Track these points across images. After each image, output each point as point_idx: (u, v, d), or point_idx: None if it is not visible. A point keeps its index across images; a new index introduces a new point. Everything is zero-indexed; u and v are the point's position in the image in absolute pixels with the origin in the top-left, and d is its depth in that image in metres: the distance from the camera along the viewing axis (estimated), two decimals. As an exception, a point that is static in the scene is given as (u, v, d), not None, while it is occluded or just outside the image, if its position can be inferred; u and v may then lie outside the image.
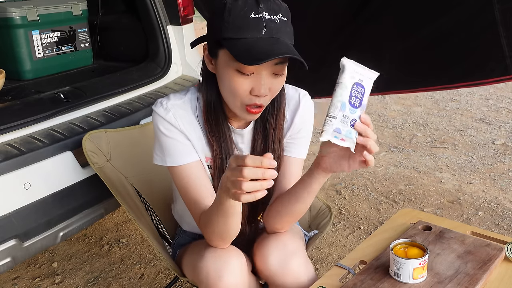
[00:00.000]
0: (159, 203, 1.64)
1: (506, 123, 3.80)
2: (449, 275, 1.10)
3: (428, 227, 1.30)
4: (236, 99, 1.11)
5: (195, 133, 1.21)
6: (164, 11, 2.34)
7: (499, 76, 1.91)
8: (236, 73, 1.07)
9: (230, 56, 1.06)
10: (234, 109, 1.14)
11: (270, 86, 1.09)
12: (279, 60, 1.05)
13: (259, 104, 1.10)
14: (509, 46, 1.81)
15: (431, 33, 2.00)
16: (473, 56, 1.98)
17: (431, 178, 2.95)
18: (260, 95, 1.08)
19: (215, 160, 1.23)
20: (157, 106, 1.21)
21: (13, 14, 2.17)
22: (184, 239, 1.44)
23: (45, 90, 1.98)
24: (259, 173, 0.88)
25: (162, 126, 1.19)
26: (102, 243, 2.39)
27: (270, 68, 1.07)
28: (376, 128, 3.79)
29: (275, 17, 1.04)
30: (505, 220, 2.47)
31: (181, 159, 1.19)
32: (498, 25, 1.79)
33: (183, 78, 2.34)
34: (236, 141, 1.25)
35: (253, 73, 1.07)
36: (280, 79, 1.11)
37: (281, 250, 1.22)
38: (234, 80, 1.08)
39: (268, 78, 1.08)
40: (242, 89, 1.08)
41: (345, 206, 2.66)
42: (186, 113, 1.20)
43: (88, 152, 1.57)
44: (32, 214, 1.54)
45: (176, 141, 1.19)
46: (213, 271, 1.14)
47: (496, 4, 1.76)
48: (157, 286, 2.08)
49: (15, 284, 2.09)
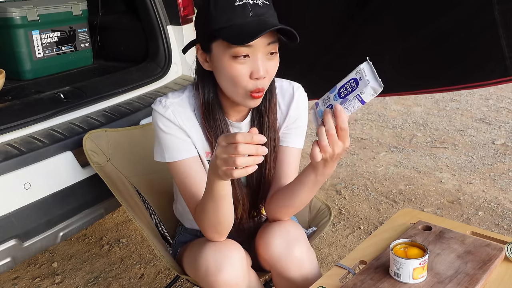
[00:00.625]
0: (160, 203, 1.64)
1: (506, 123, 3.80)
2: (449, 275, 1.10)
3: (428, 227, 1.30)
4: (238, 87, 1.13)
5: (194, 129, 1.24)
6: (164, 11, 2.35)
7: (499, 78, 1.89)
8: (232, 60, 1.10)
9: (224, 44, 1.10)
10: (237, 99, 1.16)
11: (267, 68, 1.12)
12: (272, 39, 1.10)
13: (261, 87, 1.13)
14: (509, 47, 1.79)
15: (431, 33, 1.99)
16: (472, 57, 1.96)
17: (431, 178, 2.95)
18: (260, 77, 1.10)
19: (213, 147, 1.24)
20: (156, 104, 1.24)
21: (13, 14, 2.17)
22: (185, 237, 1.45)
23: (45, 90, 1.98)
24: (252, 149, 0.91)
25: (161, 123, 1.22)
26: (102, 243, 2.39)
27: (264, 48, 1.10)
28: (376, 128, 3.79)
29: (258, 1, 1.09)
30: (505, 220, 2.47)
31: (180, 154, 1.22)
32: (498, 25, 1.78)
33: (183, 78, 2.34)
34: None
35: (248, 57, 1.10)
36: (274, 61, 1.14)
37: (284, 237, 1.23)
38: (232, 67, 1.11)
39: (264, 59, 1.11)
40: (241, 75, 1.11)
41: (345, 206, 2.66)
42: (184, 110, 1.23)
43: (88, 151, 1.57)
44: (32, 214, 1.54)
45: (175, 137, 1.22)
46: (213, 265, 1.15)
47: (496, 4, 1.75)
48: (157, 286, 2.08)
49: (15, 284, 2.09)
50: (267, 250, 1.23)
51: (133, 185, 1.61)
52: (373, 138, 3.59)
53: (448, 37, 1.98)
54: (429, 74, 2.15)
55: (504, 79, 1.88)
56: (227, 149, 0.93)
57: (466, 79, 2.04)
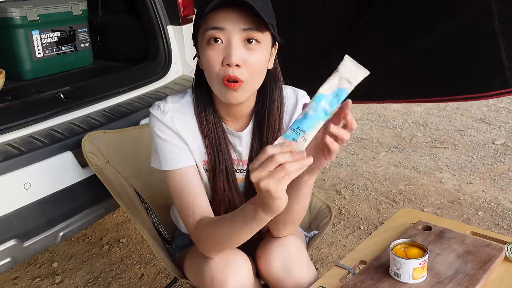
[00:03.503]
0: (159, 204, 1.64)
1: (506, 123, 3.80)
2: (449, 275, 1.10)
3: (428, 227, 1.30)
4: (212, 75, 1.08)
5: (193, 136, 1.19)
6: (164, 11, 2.34)
7: (498, 90, 1.83)
8: (207, 46, 1.06)
9: (202, 31, 1.07)
10: (216, 91, 1.11)
11: (244, 57, 1.05)
12: (248, 25, 1.03)
13: (233, 76, 1.05)
14: (509, 58, 1.75)
15: (428, 44, 1.94)
16: (471, 68, 1.91)
17: (431, 178, 2.95)
18: (231, 63, 1.03)
19: (210, 160, 1.21)
20: (154, 108, 1.20)
21: (13, 14, 2.17)
22: (182, 242, 1.44)
23: (45, 90, 1.98)
24: (287, 157, 0.85)
25: (158, 129, 1.18)
26: (102, 243, 2.39)
27: (238, 34, 1.04)
28: (376, 128, 3.79)
29: None
30: (505, 220, 2.47)
31: (176, 163, 1.17)
32: (497, 36, 1.74)
33: (183, 78, 2.34)
34: (234, 143, 1.24)
35: (222, 42, 1.05)
36: (256, 53, 1.06)
37: (284, 257, 1.20)
38: (207, 53, 1.06)
39: (240, 47, 1.05)
40: (213, 60, 1.06)
41: (345, 206, 2.66)
42: (183, 116, 1.19)
43: (87, 153, 1.56)
44: (32, 214, 1.54)
45: (172, 144, 1.17)
46: (219, 276, 1.12)
47: (496, 14, 1.71)
48: (157, 286, 2.08)
49: (15, 284, 2.09)
50: (267, 270, 1.21)
51: (133, 186, 1.61)
52: (373, 138, 3.59)
53: (446, 48, 1.92)
54: (426, 86, 2.09)
55: (504, 91, 1.82)
56: (274, 160, 0.84)
57: (463, 91, 1.98)
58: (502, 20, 1.72)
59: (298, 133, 0.86)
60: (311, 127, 0.87)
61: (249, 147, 1.25)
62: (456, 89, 2.00)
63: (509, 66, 1.76)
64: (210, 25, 1.05)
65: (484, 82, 1.89)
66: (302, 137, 0.86)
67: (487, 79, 1.87)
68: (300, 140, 0.86)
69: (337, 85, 0.88)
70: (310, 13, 2.18)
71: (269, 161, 0.84)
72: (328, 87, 0.88)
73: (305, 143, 0.86)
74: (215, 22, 1.04)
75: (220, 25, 1.04)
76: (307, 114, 0.87)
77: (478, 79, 1.92)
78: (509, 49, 1.75)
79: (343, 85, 0.88)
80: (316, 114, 0.87)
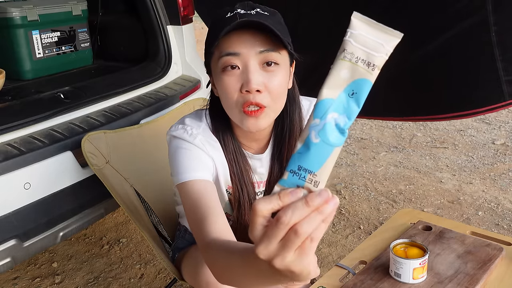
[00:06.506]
0: (159, 204, 1.64)
1: (506, 123, 3.80)
2: (449, 275, 1.10)
3: (428, 227, 1.30)
4: (231, 103, 1.02)
5: (221, 160, 1.14)
6: (164, 11, 2.35)
7: (494, 104, 1.78)
8: (222, 73, 1.00)
9: (216, 58, 1.01)
10: (236, 120, 1.05)
11: (264, 81, 0.99)
12: (264, 46, 0.98)
13: (255, 102, 0.99)
14: (505, 71, 1.70)
15: (423, 56, 1.90)
16: (466, 82, 1.85)
17: (431, 178, 2.95)
18: (251, 89, 0.97)
19: (234, 192, 1.16)
20: (178, 131, 1.10)
21: (13, 14, 2.17)
22: (183, 243, 1.43)
23: (45, 90, 1.98)
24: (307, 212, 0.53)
25: (185, 148, 1.09)
26: (102, 243, 2.39)
27: (255, 57, 0.98)
28: (376, 128, 3.79)
29: (251, 11, 0.99)
30: (505, 220, 2.47)
31: (198, 172, 1.07)
32: (494, 47, 1.69)
33: (183, 78, 2.34)
34: (255, 166, 1.20)
35: (239, 68, 0.99)
36: (275, 75, 1.00)
37: None
38: (223, 80, 1.00)
39: (258, 70, 0.99)
40: (230, 87, 1.00)
41: (345, 206, 2.66)
42: (209, 139, 1.13)
43: (87, 153, 1.56)
44: (32, 214, 1.54)
45: (197, 157, 1.09)
46: (214, 281, 1.12)
47: (492, 26, 1.67)
48: (157, 286, 2.08)
49: (15, 284, 2.09)
50: None
51: (133, 186, 1.61)
52: (373, 138, 3.59)
53: (441, 61, 1.88)
54: (421, 101, 2.04)
55: (500, 105, 1.77)
56: (271, 235, 0.53)
57: (459, 107, 1.91)
58: (498, 32, 1.68)
59: (302, 175, 0.53)
60: (321, 161, 0.53)
61: (269, 169, 1.21)
62: (453, 105, 1.94)
63: (506, 79, 1.71)
64: (224, 51, 0.99)
65: (480, 96, 1.83)
66: (310, 180, 0.54)
67: (483, 93, 1.82)
68: (308, 186, 0.54)
69: (349, 76, 0.52)
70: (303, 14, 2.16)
71: (274, 227, 0.52)
72: (334, 84, 0.52)
73: (317, 189, 0.54)
74: (229, 47, 0.99)
75: (235, 50, 0.98)
76: (310, 142, 0.52)
77: (474, 93, 1.85)
78: (506, 61, 1.70)
79: (360, 73, 0.52)
80: (325, 137, 0.52)
